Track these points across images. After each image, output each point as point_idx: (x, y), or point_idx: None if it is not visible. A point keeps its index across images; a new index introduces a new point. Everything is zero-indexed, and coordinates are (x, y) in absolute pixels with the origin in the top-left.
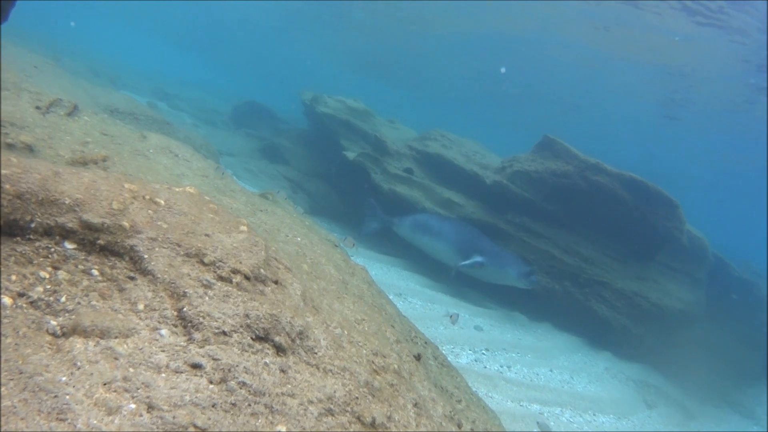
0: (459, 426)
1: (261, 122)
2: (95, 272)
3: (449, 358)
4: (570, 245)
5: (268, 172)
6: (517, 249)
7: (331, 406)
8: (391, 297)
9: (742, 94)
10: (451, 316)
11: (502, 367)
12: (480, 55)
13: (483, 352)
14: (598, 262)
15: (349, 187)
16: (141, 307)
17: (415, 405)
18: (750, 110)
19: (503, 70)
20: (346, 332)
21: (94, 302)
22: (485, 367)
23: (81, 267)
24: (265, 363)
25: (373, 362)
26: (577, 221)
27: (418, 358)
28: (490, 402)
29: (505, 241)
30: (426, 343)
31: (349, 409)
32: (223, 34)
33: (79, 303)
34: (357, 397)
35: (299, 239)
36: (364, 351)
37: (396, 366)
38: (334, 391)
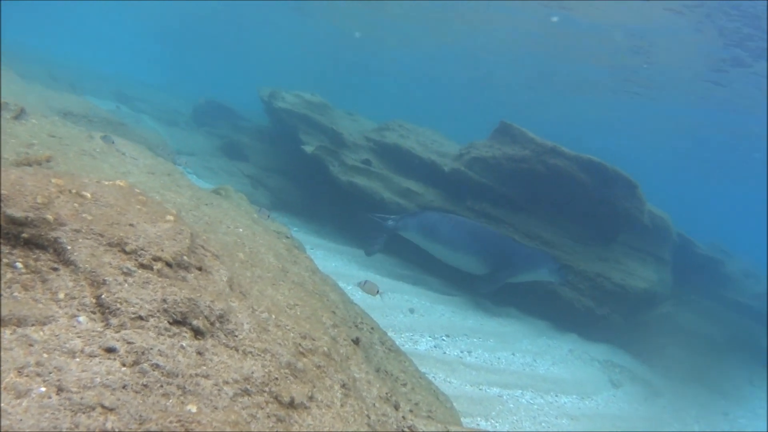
0: (396, 407)
1: (222, 120)
2: (19, 265)
3: (407, 345)
4: (530, 229)
5: (228, 169)
6: None
7: (248, 387)
8: (349, 287)
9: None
10: (364, 283)
11: (462, 352)
12: (437, 42)
13: (443, 338)
14: (560, 244)
15: (309, 181)
16: (61, 296)
17: (344, 386)
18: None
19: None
20: (273, 316)
21: (16, 293)
22: (444, 353)
23: (5, 261)
24: (182, 346)
25: (300, 345)
26: (537, 205)
27: (356, 342)
28: (448, 387)
29: None
30: (372, 329)
31: (266, 389)
32: (185, 32)
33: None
34: (276, 378)
35: (241, 230)
36: (291, 334)
37: (326, 348)
38: (252, 372)
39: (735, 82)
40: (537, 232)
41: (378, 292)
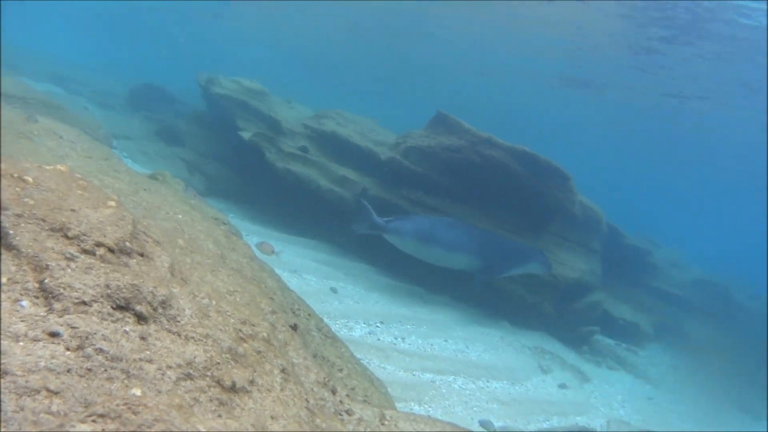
0: (333, 391)
1: (159, 105)
2: None
3: (343, 332)
4: (465, 218)
5: (165, 154)
6: None
7: (191, 371)
8: (285, 275)
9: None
10: (261, 244)
11: (396, 339)
12: (376, 32)
13: (377, 325)
14: None
15: (246, 167)
16: (4, 280)
17: (283, 371)
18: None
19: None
20: (214, 302)
21: None
22: (379, 339)
23: None
24: (125, 331)
25: (240, 330)
26: (471, 195)
27: (294, 328)
28: (382, 372)
29: None
30: (309, 315)
31: (209, 373)
32: (126, 14)
33: None
34: (218, 363)
35: (180, 216)
36: (232, 320)
37: (265, 334)
38: (195, 357)
39: (664, 66)
40: (470, 221)
41: (273, 251)
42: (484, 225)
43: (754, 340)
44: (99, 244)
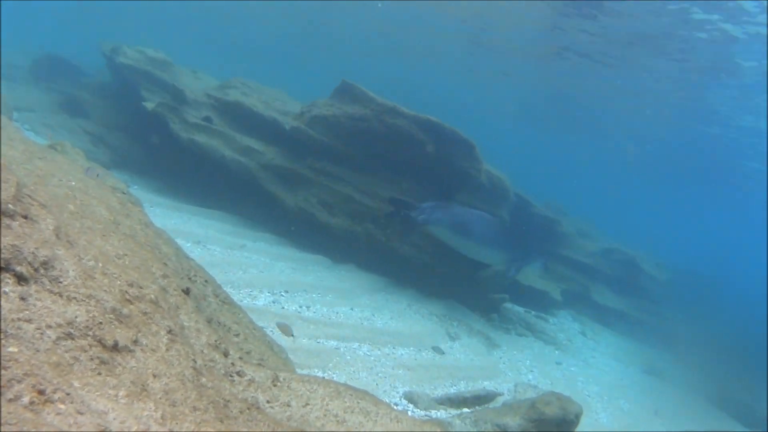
0: (225, 354)
1: (63, 76)
2: None
3: (246, 301)
4: (370, 187)
5: (68, 126)
6: (318, 193)
7: (71, 331)
8: (189, 245)
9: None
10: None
11: (300, 307)
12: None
13: (282, 294)
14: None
15: (151, 138)
16: None
17: (170, 332)
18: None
19: None
20: (101, 265)
21: None
22: (283, 308)
23: None
24: (5, 291)
25: (126, 292)
26: (377, 164)
27: (186, 292)
28: (285, 340)
29: (306, 186)
30: (206, 281)
31: (90, 333)
32: None
33: None
34: (101, 323)
35: (73, 183)
36: (119, 282)
37: (153, 296)
38: (76, 317)
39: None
40: (376, 191)
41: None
42: (389, 194)
43: (658, 305)
44: None
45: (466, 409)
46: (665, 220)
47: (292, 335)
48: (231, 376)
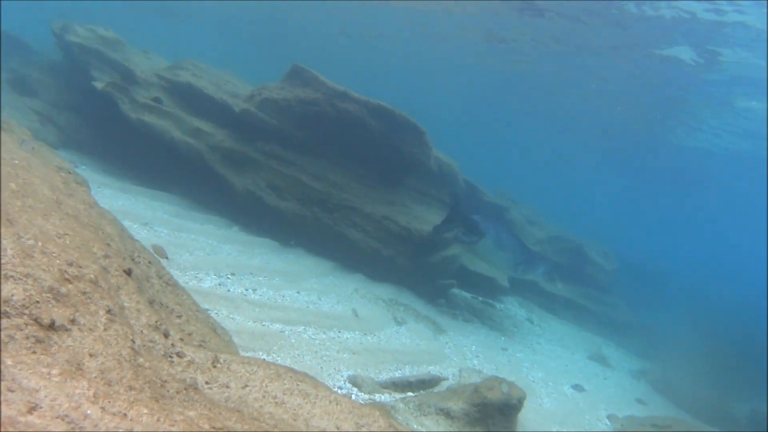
0: (166, 335)
1: (13, 54)
2: None
3: (192, 283)
4: (319, 171)
5: (15, 105)
6: (267, 177)
7: (7, 309)
8: (135, 226)
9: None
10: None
11: (246, 290)
12: None
13: (228, 276)
14: (348, 187)
15: (101, 119)
16: None
17: (109, 312)
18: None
19: None
20: (40, 244)
21: None
22: (228, 291)
23: None
24: None
25: (66, 271)
26: (326, 148)
27: (128, 273)
28: (230, 323)
29: (255, 169)
30: (150, 263)
31: (26, 312)
32: None
33: None
34: (38, 302)
35: (17, 162)
36: (58, 261)
37: (93, 276)
38: (12, 296)
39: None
40: (326, 175)
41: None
42: (339, 178)
43: (605, 294)
44: None
45: (410, 393)
46: (619, 212)
47: (167, 257)
48: (170, 356)
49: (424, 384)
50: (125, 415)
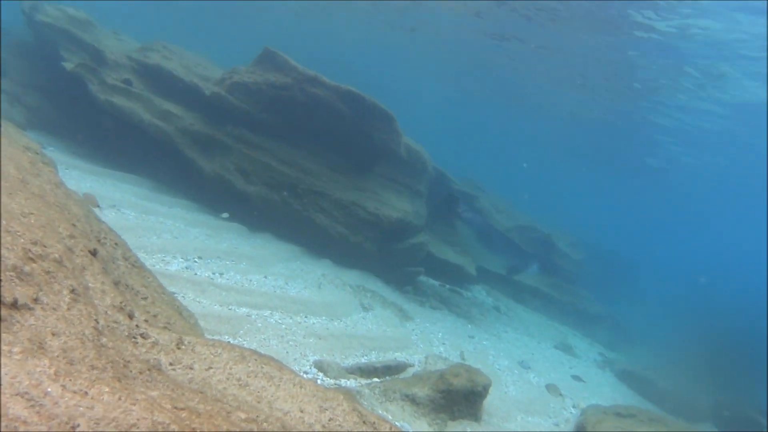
0: (130, 316)
1: None
2: None
3: (158, 266)
4: (289, 156)
5: None
6: (236, 161)
7: None
8: (105, 209)
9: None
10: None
11: (213, 274)
12: None
13: (195, 260)
14: (317, 173)
15: (70, 100)
16: None
17: (73, 291)
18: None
19: None
20: (4, 222)
21: None
22: (195, 274)
23: None
24: None
25: (29, 250)
26: (296, 133)
27: (94, 253)
28: (197, 306)
29: (224, 153)
30: (116, 244)
31: None
32: None
33: None
34: (0, 280)
35: None
36: (22, 240)
37: (57, 256)
38: None
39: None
40: (295, 160)
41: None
42: (309, 163)
43: (572, 284)
44: None
45: (376, 379)
46: (588, 203)
47: (99, 206)
48: (134, 337)
49: (390, 370)
50: (86, 393)
